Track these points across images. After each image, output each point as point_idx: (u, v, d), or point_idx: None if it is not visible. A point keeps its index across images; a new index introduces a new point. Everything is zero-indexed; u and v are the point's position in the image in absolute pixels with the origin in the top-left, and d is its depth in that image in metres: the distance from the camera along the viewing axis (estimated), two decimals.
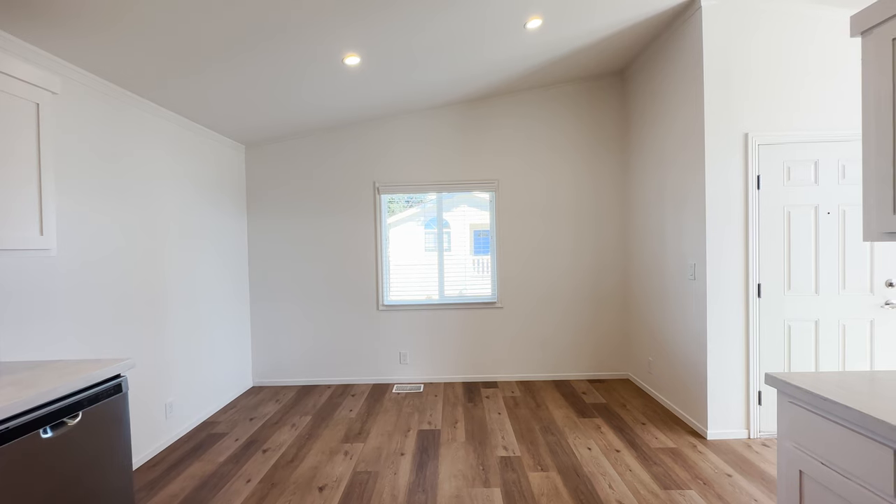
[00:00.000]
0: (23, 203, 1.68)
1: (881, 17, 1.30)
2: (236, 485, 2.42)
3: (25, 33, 1.98)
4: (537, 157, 4.15)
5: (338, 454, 2.76)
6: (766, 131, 2.80)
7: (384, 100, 3.66)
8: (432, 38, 2.71)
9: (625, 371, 4.18)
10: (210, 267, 3.56)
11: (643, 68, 3.66)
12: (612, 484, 2.34)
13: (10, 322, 1.98)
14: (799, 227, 2.80)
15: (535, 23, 2.74)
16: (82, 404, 1.57)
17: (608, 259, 4.17)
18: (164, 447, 2.91)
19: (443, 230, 4.22)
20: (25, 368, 1.73)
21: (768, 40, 2.78)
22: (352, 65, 2.86)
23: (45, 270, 2.15)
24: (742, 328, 2.83)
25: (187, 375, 3.21)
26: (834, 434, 1.20)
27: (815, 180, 2.78)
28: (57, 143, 2.22)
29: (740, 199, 2.82)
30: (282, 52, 2.54)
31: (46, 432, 1.43)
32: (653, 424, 3.09)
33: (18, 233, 1.67)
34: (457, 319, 4.19)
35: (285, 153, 4.18)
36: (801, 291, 2.80)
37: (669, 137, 3.27)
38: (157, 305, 2.90)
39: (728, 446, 2.73)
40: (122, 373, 1.78)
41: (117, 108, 2.62)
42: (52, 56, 2.17)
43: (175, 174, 3.15)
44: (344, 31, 2.46)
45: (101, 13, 1.93)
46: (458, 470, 2.53)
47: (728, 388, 2.84)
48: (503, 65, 3.38)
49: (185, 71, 2.56)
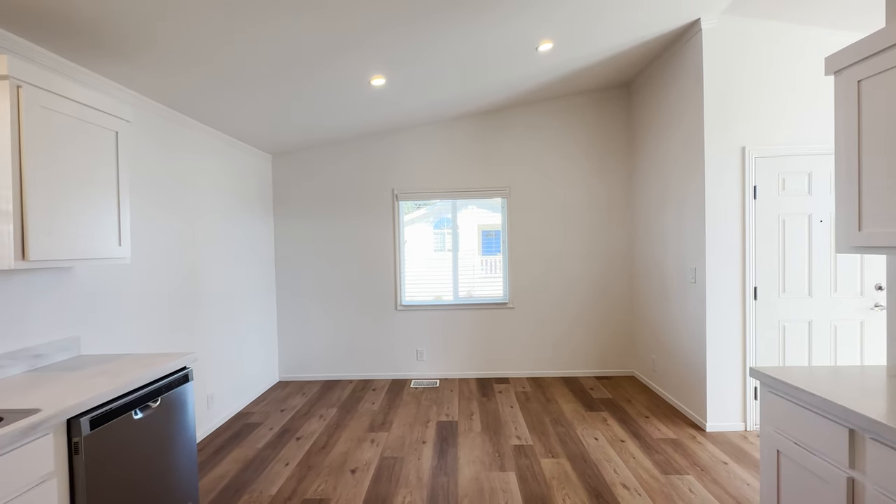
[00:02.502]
0: (106, 219, 1.96)
1: (849, 60, 1.52)
2: (276, 467, 2.69)
3: (100, 67, 2.26)
4: (548, 165, 4.38)
5: (365, 442, 3.02)
6: (762, 145, 3.00)
7: (404, 114, 3.92)
8: (451, 60, 2.96)
9: (630, 369, 4.40)
10: (243, 269, 3.84)
11: (648, 82, 3.87)
12: (616, 469, 2.57)
13: (94, 320, 2.26)
14: (793, 234, 3.00)
15: (547, 46, 2.97)
16: (160, 391, 1.84)
17: (615, 263, 4.38)
18: (207, 434, 3.19)
19: (456, 231, 4.47)
20: (107, 361, 2.01)
21: (763, 60, 2.98)
22: (377, 85, 3.12)
23: (118, 276, 2.43)
24: (739, 328, 3.04)
25: (225, 370, 3.49)
26: (803, 417, 1.42)
27: (809, 190, 2.98)
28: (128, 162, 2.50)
29: (738, 208, 3.03)
30: (314, 75, 2.80)
31: (137, 413, 1.70)
32: (655, 417, 3.31)
33: (103, 244, 1.94)
34: (470, 319, 4.43)
35: (309, 162, 4.46)
36: (795, 294, 3.00)
37: (671, 148, 3.49)
38: (200, 305, 3.18)
39: (725, 437, 2.94)
40: (187, 365, 2.05)
41: (171, 129, 2.90)
42: (119, 86, 2.45)
43: (215, 184, 3.43)
44: (372, 56, 2.71)
45: (165, 50, 2.20)
46: (476, 456, 2.77)
47: (726, 384, 3.05)
48: (516, 82, 3.61)
49: (229, 95, 2.83)
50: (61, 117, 1.75)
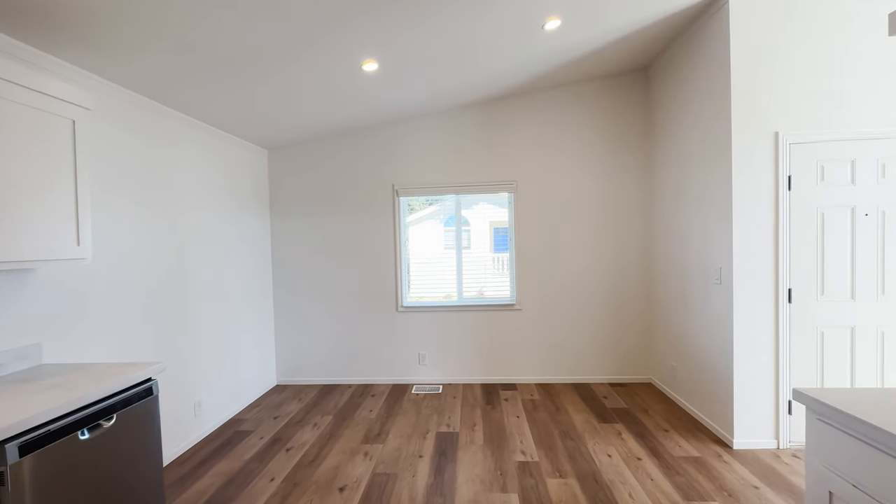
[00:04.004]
0: (61, 217, 1.78)
1: None
2: (261, 483, 2.51)
3: (66, 53, 2.08)
4: (557, 157, 4.10)
5: (358, 454, 2.82)
6: (797, 129, 2.68)
7: (402, 103, 3.69)
8: (448, 41, 2.71)
9: (647, 375, 4.10)
10: (236, 268, 3.67)
11: (667, 65, 3.55)
12: (632, 493, 2.30)
13: (59, 326, 2.10)
14: (833, 230, 2.67)
15: (554, 24, 2.70)
16: (116, 407, 1.66)
17: (630, 260, 4.08)
18: (194, 444, 3.03)
19: (461, 229, 4.22)
20: (68, 371, 1.83)
21: (799, 35, 2.65)
22: (370, 71, 2.89)
23: (88, 277, 2.26)
24: (771, 335, 2.73)
25: (215, 374, 3.33)
26: (867, 456, 1.14)
27: (852, 180, 2.64)
28: (95, 154, 2.33)
29: (770, 201, 2.72)
30: (299, 59, 2.59)
31: (84, 434, 1.52)
32: (676, 431, 3.02)
33: (58, 244, 1.77)
34: (475, 321, 4.19)
35: (306, 156, 4.26)
36: (836, 297, 2.68)
37: (694, 135, 3.17)
38: (187, 307, 3.02)
39: (755, 457, 2.64)
40: (152, 376, 1.86)
41: (151, 120, 2.73)
42: (90, 74, 2.28)
43: (203, 179, 3.26)
44: (361, 38, 2.48)
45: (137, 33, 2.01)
46: (476, 474, 2.54)
47: (756, 396, 2.75)
48: (521, 67, 3.34)
49: (207, 81, 2.64)
50: (4, 103, 1.58)
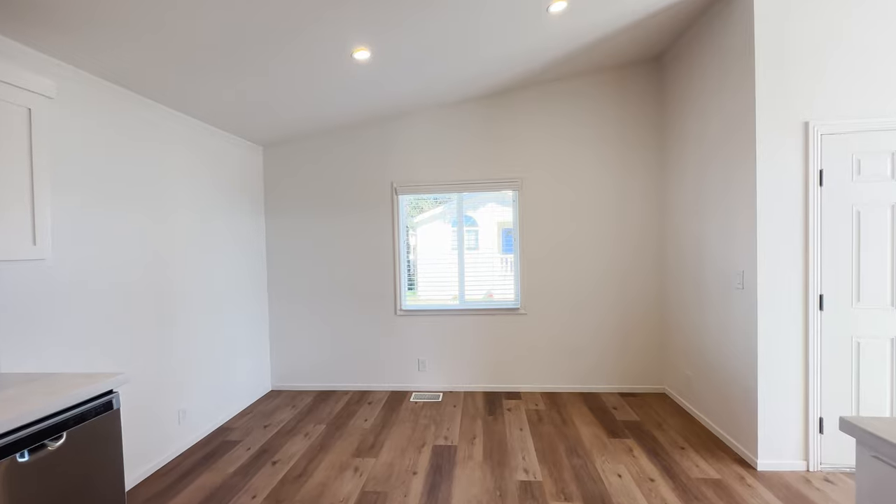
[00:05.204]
0: (13, 214, 1.62)
1: None
2: (242, 500, 2.34)
3: (35, 40, 1.94)
4: (565, 153, 3.87)
5: (347, 470, 2.63)
6: (830, 119, 2.42)
7: (399, 96, 3.50)
8: (444, 24, 2.52)
9: (661, 385, 3.84)
10: (229, 269, 3.52)
11: (683, 53, 3.31)
12: None
13: (21, 332, 1.95)
14: (871, 229, 2.41)
15: (559, 6, 2.49)
16: (67, 424, 1.50)
17: (643, 263, 3.84)
18: (178, 454, 2.88)
19: (464, 230, 4.02)
20: (23, 382, 1.68)
21: (834, 14, 2.40)
22: (361, 59, 2.71)
23: (55, 279, 2.10)
24: (800, 345, 2.48)
25: (204, 380, 3.18)
26: None
27: (893, 174, 2.38)
28: (62, 147, 2.18)
29: (799, 198, 2.47)
30: (290, 47, 2.42)
31: (24, 456, 1.35)
32: (693, 449, 2.78)
33: (9, 243, 1.61)
34: (478, 326, 3.99)
35: (302, 153, 4.11)
36: (874, 304, 2.42)
37: (712, 128, 2.93)
38: (171, 310, 2.87)
39: (782, 480, 2.39)
40: (114, 388, 1.70)
41: (131, 113, 2.59)
42: (59, 62, 2.14)
43: (190, 176, 3.11)
44: (349, 23, 2.30)
45: (111, 18, 1.86)
46: (473, 495, 2.33)
47: (783, 412, 2.50)
48: (525, 56, 3.13)
49: (196, 73, 2.49)
50: None
